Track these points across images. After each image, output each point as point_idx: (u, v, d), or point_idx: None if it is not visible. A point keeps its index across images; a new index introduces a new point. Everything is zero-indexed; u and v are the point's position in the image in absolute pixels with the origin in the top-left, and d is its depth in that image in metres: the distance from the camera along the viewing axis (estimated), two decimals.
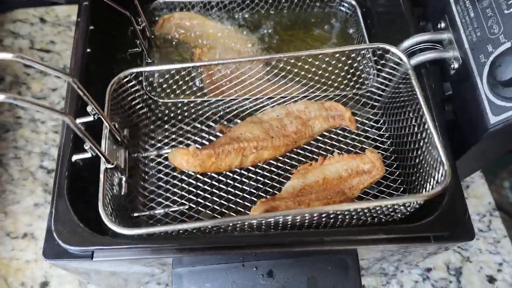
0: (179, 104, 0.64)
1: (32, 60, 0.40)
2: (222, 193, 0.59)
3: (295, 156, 0.62)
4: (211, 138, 0.63)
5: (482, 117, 0.52)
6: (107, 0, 0.57)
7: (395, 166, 0.61)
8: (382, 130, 0.64)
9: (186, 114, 0.65)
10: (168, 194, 0.59)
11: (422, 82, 0.58)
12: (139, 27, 0.66)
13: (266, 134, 0.60)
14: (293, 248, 0.48)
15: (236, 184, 0.59)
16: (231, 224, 0.47)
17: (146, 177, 0.60)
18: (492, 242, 0.77)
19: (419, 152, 0.55)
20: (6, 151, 0.78)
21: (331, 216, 0.48)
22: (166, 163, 0.60)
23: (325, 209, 0.46)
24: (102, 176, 0.49)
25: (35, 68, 0.87)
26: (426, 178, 0.52)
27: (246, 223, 0.47)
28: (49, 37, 0.90)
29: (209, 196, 0.58)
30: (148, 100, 0.64)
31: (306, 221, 0.49)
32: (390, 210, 0.49)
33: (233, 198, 0.58)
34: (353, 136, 0.64)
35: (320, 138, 0.64)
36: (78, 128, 0.43)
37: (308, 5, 0.79)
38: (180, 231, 0.46)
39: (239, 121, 0.64)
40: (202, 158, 0.57)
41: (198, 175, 0.60)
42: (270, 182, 0.60)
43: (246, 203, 0.58)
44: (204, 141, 0.63)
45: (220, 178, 0.60)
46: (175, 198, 0.58)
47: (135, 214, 0.57)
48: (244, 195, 0.58)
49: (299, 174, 0.59)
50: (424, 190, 0.53)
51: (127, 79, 0.57)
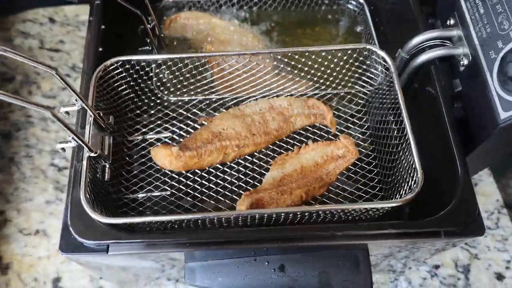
0: (177, 94, 0.65)
1: (15, 53, 0.42)
2: (203, 181, 0.60)
3: (277, 149, 0.63)
4: (196, 126, 0.64)
5: (492, 113, 0.52)
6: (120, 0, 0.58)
7: (373, 164, 0.62)
8: (364, 128, 0.66)
9: (179, 103, 0.66)
10: (151, 179, 0.60)
11: (432, 79, 0.58)
12: (149, 25, 0.67)
13: (248, 131, 0.61)
14: (304, 242, 0.49)
15: (217, 173, 0.61)
16: (223, 218, 0.49)
17: (130, 160, 0.61)
18: (500, 239, 0.77)
19: (396, 156, 0.57)
20: (18, 149, 0.79)
21: (313, 214, 0.50)
22: (150, 148, 0.61)
23: (310, 209, 0.48)
24: (84, 163, 0.50)
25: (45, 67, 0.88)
26: (401, 182, 0.55)
27: (240, 217, 0.49)
28: (58, 36, 0.91)
29: (190, 183, 0.60)
30: (144, 89, 0.65)
31: (290, 217, 0.50)
32: (363, 211, 0.51)
33: (214, 187, 0.60)
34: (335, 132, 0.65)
35: (303, 132, 0.65)
36: (60, 121, 0.45)
37: (316, 3, 0.79)
38: (167, 222, 0.48)
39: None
40: (185, 160, 0.58)
41: None
42: (251, 173, 0.61)
43: (227, 193, 0.59)
44: (189, 128, 0.64)
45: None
46: (158, 183, 0.60)
47: (117, 197, 0.58)
48: (225, 184, 0.60)
49: (277, 165, 0.60)
50: (398, 194, 0.54)
51: (113, 67, 0.58)
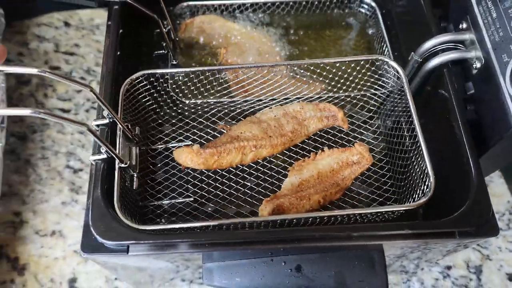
0: (197, 104, 0.68)
1: (55, 74, 0.44)
2: (224, 187, 0.63)
3: (294, 155, 0.66)
4: (216, 134, 0.66)
5: (505, 115, 0.52)
6: (137, 4, 0.59)
7: (386, 169, 0.65)
8: (377, 134, 0.68)
9: (199, 112, 0.68)
10: (174, 186, 0.63)
11: (444, 82, 0.59)
12: (164, 29, 0.68)
13: (265, 133, 0.64)
14: (320, 243, 0.50)
15: (238, 179, 0.63)
16: (246, 223, 0.51)
17: (154, 169, 0.64)
18: (511, 240, 0.77)
19: (408, 162, 0.60)
20: (34, 151, 0.80)
21: (332, 218, 0.53)
22: (173, 149, 0.63)
23: (329, 214, 0.52)
24: (116, 174, 0.52)
25: (60, 70, 0.90)
26: (414, 187, 0.57)
27: (262, 223, 0.52)
28: (73, 40, 0.92)
29: (212, 190, 0.62)
30: (167, 100, 0.67)
31: (310, 221, 0.52)
32: (379, 215, 0.54)
33: (234, 193, 0.62)
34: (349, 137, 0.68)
35: (318, 139, 0.68)
36: (95, 135, 0.47)
37: (328, 6, 0.80)
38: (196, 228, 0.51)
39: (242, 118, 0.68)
40: (205, 156, 0.61)
41: (202, 171, 0.63)
42: (269, 179, 0.63)
43: (247, 198, 0.62)
44: (209, 137, 0.66)
45: (223, 173, 0.64)
46: (181, 190, 0.62)
47: (143, 204, 0.60)
48: (245, 190, 0.62)
49: (295, 171, 0.63)
50: (411, 198, 0.57)
51: (138, 80, 0.60)
